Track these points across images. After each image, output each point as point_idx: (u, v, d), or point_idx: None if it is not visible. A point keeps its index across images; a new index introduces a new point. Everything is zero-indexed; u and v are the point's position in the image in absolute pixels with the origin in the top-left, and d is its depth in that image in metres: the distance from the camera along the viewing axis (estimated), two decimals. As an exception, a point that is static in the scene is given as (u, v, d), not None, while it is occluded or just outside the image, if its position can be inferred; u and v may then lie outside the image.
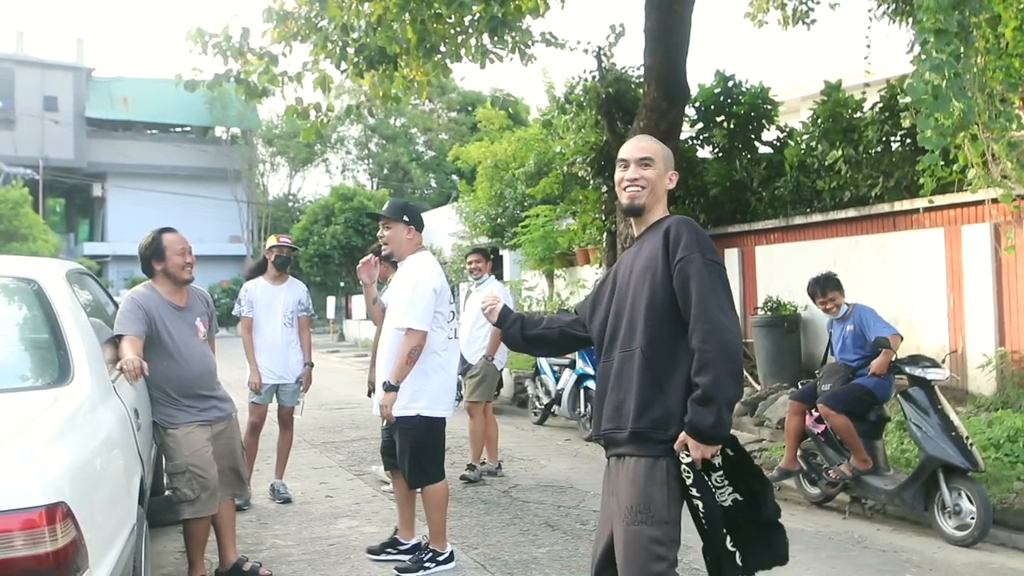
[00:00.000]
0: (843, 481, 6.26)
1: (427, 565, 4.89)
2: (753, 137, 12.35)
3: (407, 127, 40.77)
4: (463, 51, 9.70)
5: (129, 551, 3.10)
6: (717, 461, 2.77)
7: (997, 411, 7.17)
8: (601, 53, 12.68)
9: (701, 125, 12.62)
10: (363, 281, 5.27)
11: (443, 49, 9.56)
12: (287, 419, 6.87)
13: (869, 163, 9.51)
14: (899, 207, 8.98)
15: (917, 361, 6.04)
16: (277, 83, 9.11)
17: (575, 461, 8.24)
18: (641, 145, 3.05)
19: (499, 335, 7.14)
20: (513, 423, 10.64)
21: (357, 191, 34.22)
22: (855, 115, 10.12)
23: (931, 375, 5.89)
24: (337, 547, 5.38)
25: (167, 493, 5.07)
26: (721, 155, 12.37)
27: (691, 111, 12.25)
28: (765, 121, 12.29)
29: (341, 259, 32.17)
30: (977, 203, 8.05)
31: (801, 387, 6.81)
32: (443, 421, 4.97)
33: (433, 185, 40.56)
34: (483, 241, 20.78)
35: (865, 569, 5.04)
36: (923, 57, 5.57)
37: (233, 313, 6.85)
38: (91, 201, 41.72)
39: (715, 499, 2.78)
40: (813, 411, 6.39)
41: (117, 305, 5.14)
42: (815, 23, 11.90)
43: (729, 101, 12.32)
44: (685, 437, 2.71)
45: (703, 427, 2.67)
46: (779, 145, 11.88)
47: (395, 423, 4.85)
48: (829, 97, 10.44)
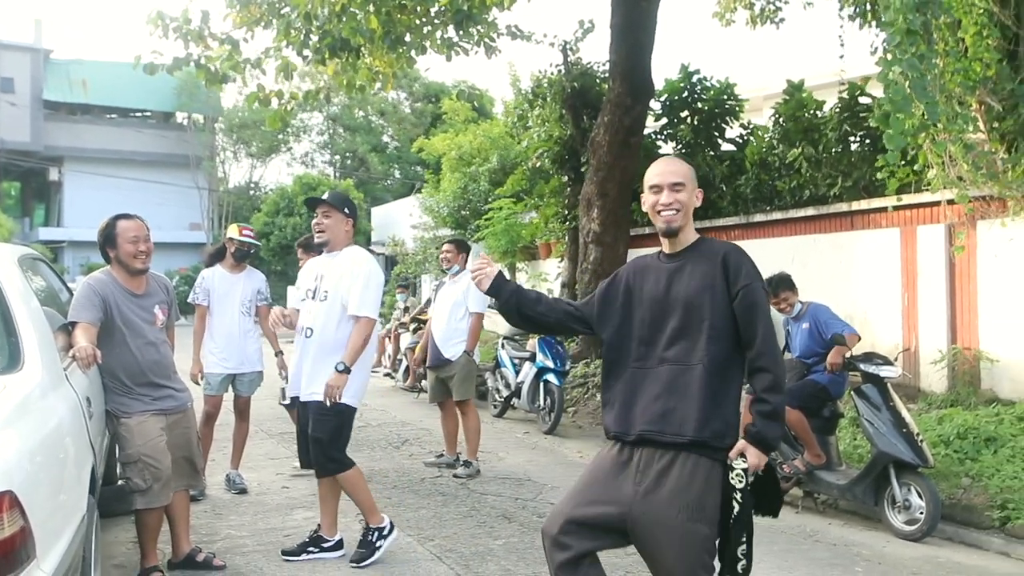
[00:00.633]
0: (796, 476, 6.34)
1: (377, 544, 4.89)
2: (717, 134, 12.44)
3: (368, 117, 40.50)
4: (428, 43, 9.67)
5: (79, 541, 3.06)
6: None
7: (947, 408, 7.31)
8: (567, 47, 12.72)
9: (665, 121, 12.69)
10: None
11: (408, 40, 9.52)
12: (243, 409, 6.80)
13: (829, 163, 9.64)
14: (857, 207, 9.10)
15: (870, 358, 6.14)
16: (239, 69, 9.02)
17: (533, 454, 8.27)
18: (672, 169, 3.12)
19: (478, 330, 7.15)
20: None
21: (321, 181, 34.00)
22: (816, 115, 10.25)
23: (884, 372, 5.99)
24: (292, 538, 5.34)
25: (120, 483, 5.01)
26: (685, 151, 12.45)
27: (656, 105, 12.31)
28: (730, 117, 12.38)
29: (303, 249, 31.94)
30: (932, 204, 8.19)
31: (757, 383, 6.88)
32: (355, 411, 4.97)
33: (397, 176, 40.38)
34: (446, 233, 20.74)
35: (816, 563, 5.11)
36: (889, 58, 5.65)
37: (188, 300, 6.76)
38: (47, 185, 40.97)
39: (751, 503, 2.92)
40: (769, 407, 6.46)
41: (72, 292, 5.06)
42: (783, 22, 12.01)
43: (694, 97, 12.40)
44: (744, 445, 2.91)
45: (771, 438, 2.93)
46: (742, 142, 11.99)
47: (316, 411, 4.79)
48: (791, 97, 10.55)
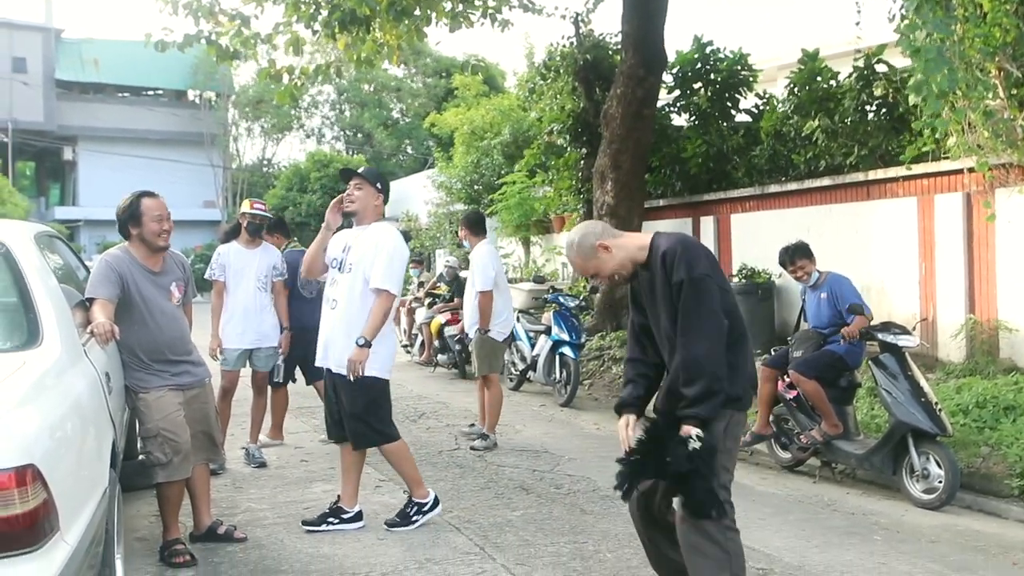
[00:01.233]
0: (814, 446, 6.34)
1: (414, 519, 4.99)
2: (730, 105, 12.32)
3: (378, 92, 40.34)
4: (434, 14, 9.60)
5: (101, 514, 3.08)
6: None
7: (966, 378, 7.27)
8: (579, 19, 12.60)
9: (678, 92, 12.57)
10: (327, 223, 5.16)
11: (416, 13, 9.46)
12: (261, 384, 6.85)
13: (845, 132, 9.54)
14: (873, 176, 9.02)
15: (888, 328, 6.11)
16: (249, 45, 8.98)
17: (550, 426, 8.29)
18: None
19: (485, 307, 7.18)
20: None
21: (333, 157, 33.94)
22: (831, 85, 10.13)
23: (902, 342, 5.96)
24: (312, 511, 5.38)
25: (140, 457, 5.06)
26: (698, 123, 12.35)
27: (668, 78, 12.20)
28: (744, 88, 12.26)
29: (317, 227, 31.90)
30: (951, 172, 8.10)
31: (774, 353, 6.87)
32: (387, 383, 5.03)
33: (409, 152, 40.29)
34: (459, 208, 20.70)
35: (834, 531, 5.11)
36: (910, 22, 5.59)
37: (205, 277, 6.78)
38: (62, 165, 41.12)
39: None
40: (785, 377, 6.46)
41: (88, 269, 5.08)
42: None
43: (707, 68, 12.27)
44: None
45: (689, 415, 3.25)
46: (757, 113, 11.88)
47: (345, 384, 4.85)
48: (806, 66, 10.44)
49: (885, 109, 9.44)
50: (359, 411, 4.87)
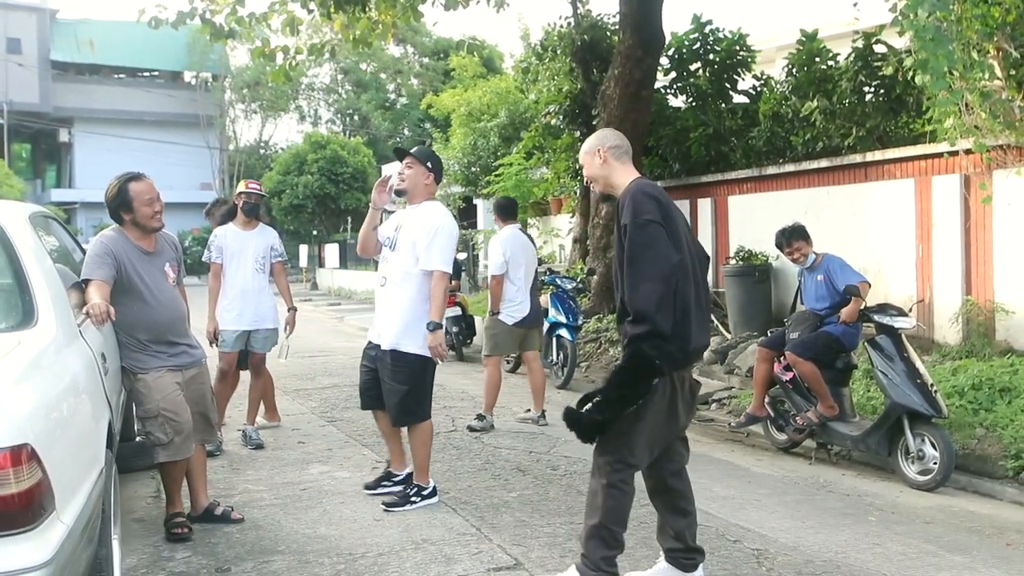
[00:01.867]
0: (810, 427, 6.36)
1: (413, 500, 5.05)
2: (728, 86, 12.28)
3: (377, 74, 40.17)
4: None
5: (98, 494, 3.08)
6: None
7: (962, 360, 7.29)
8: (576, -1, 12.54)
9: (675, 74, 12.52)
10: (373, 203, 5.21)
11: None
12: (258, 366, 6.84)
13: (843, 113, 9.51)
14: (871, 157, 9.00)
15: (885, 310, 6.11)
16: (244, 24, 8.92)
17: (547, 408, 8.29)
18: (580, 156, 3.82)
19: (495, 291, 7.30)
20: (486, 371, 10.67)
21: (331, 139, 33.81)
22: (830, 66, 10.09)
23: (898, 324, 5.96)
24: (309, 492, 5.40)
25: (138, 439, 5.07)
26: (696, 104, 12.30)
27: (665, 59, 12.14)
28: (742, 69, 12.21)
29: (314, 208, 31.89)
30: (948, 154, 8.09)
31: (770, 335, 6.88)
32: (434, 364, 5.10)
33: (406, 133, 40.16)
34: (457, 191, 20.66)
35: (829, 512, 5.13)
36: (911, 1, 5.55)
37: (203, 259, 6.77)
38: (58, 147, 40.96)
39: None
40: (781, 358, 6.47)
41: (84, 251, 5.07)
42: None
43: (705, 48, 12.22)
44: None
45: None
46: (755, 94, 11.84)
47: (389, 361, 4.96)
48: (804, 47, 10.39)
49: (883, 90, 9.41)
50: (400, 386, 4.96)
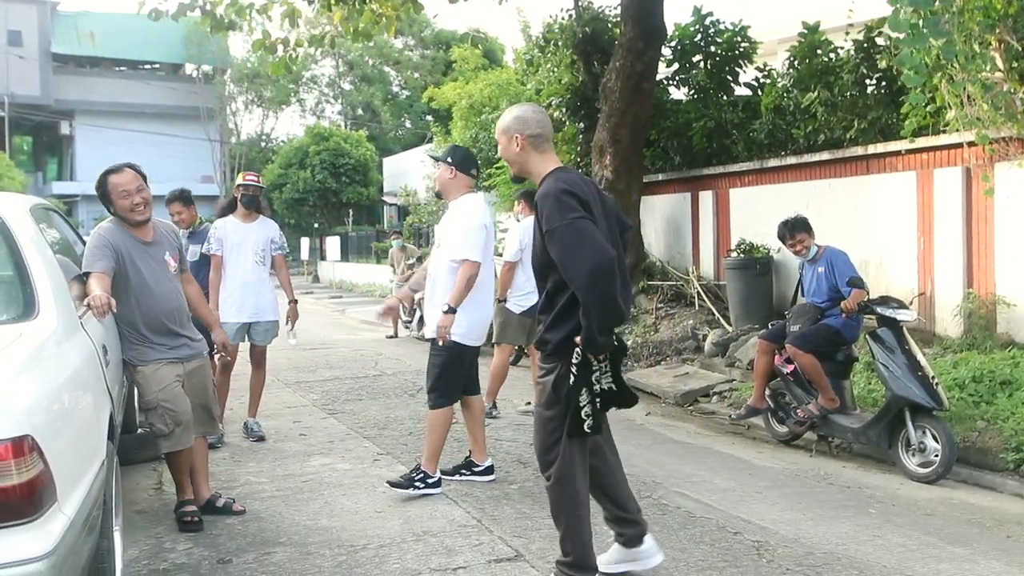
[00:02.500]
0: (810, 420, 6.36)
1: (416, 484, 5.13)
2: (730, 79, 12.24)
3: (380, 66, 40.10)
4: (433, -14, 9.53)
5: (99, 486, 3.09)
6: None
7: (963, 352, 7.28)
8: (578, -9, 12.51)
9: (677, 66, 12.48)
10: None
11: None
12: (259, 358, 6.85)
13: (844, 106, 9.49)
14: (873, 150, 8.98)
15: (886, 302, 6.11)
16: (244, 15, 8.89)
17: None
18: (497, 127, 3.76)
19: (503, 278, 7.26)
20: (486, 363, 10.67)
21: (333, 132, 33.77)
22: (831, 58, 10.06)
23: (900, 316, 5.96)
24: (310, 484, 5.42)
25: (140, 431, 5.08)
26: (697, 97, 12.27)
27: (667, 51, 12.10)
28: (744, 61, 12.17)
29: (316, 201, 31.89)
30: (950, 147, 8.07)
31: (771, 327, 6.87)
32: (473, 351, 5.28)
33: (407, 126, 40.11)
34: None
35: (829, 504, 5.14)
36: None
37: (203, 251, 6.77)
38: (59, 139, 40.95)
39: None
40: (782, 351, 6.47)
41: (85, 243, 5.07)
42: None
43: (707, 40, 12.18)
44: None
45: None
46: (757, 86, 11.81)
47: (430, 348, 5.19)
48: (806, 40, 10.36)
49: (885, 82, 9.38)
50: (431, 369, 5.18)
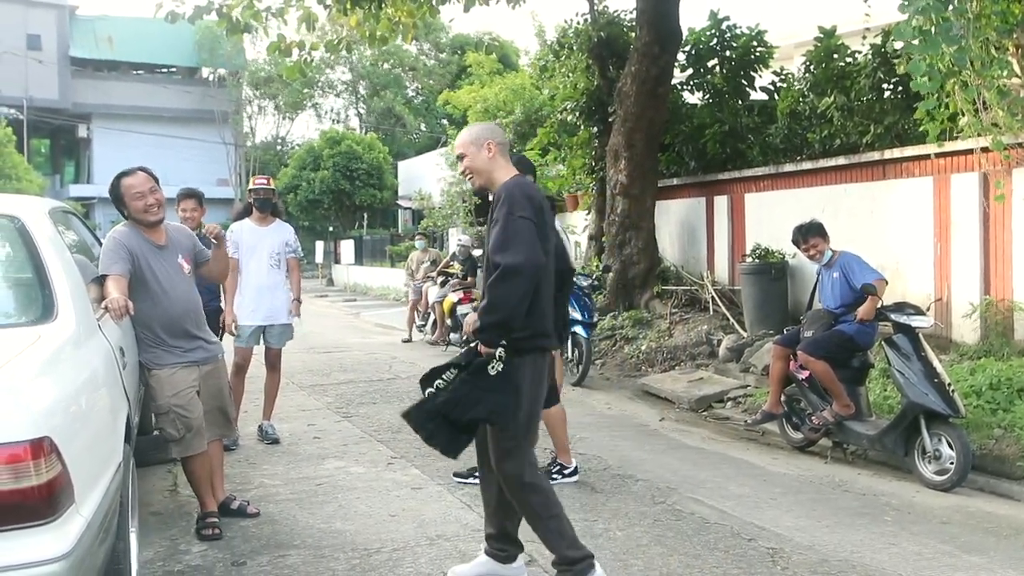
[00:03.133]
0: (825, 426, 6.33)
1: (554, 476, 5.43)
2: (745, 83, 12.22)
3: (395, 70, 40.18)
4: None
5: (116, 487, 3.12)
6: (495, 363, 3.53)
7: (980, 359, 7.23)
8: (594, -4, 12.51)
9: (692, 71, 12.47)
10: None
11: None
12: (274, 361, 6.86)
13: (861, 111, 9.45)
14: (889, 155, 8.94)
15: (902, 308, 6.08)
16: (260, 19, 8.93)
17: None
18: (456, 143, 3.76)
19: None
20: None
21: (346, 135, 33.91)
22: (848, 63, 10.03)
23: (916, 322, 5.93)
24: (324, 487, 5.43)
25: (154, 433, 5.10)
26: (712, 101, 12.25)
27: (682, 56, 12.09)
28: (759, 65, 12.14)
29: (330, 204, 32.01)
30: (967, 152, 8.02)
31: (786, 333, 6.85)
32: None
33: (423, 129, 40.18)
34: (471, 187, 20.61)
35: (844, 512, 5.11)
36: (906, 2, 5.56)
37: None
38: (76, 142, 41.18)
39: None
40: (797, 356, 6.44)
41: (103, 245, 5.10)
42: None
43: (722, 45, 12.16)
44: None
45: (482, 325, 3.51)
46: (773, 90, 11.78)
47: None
48: (822, 44, 10.34)
49: (901, 87, 9.34)
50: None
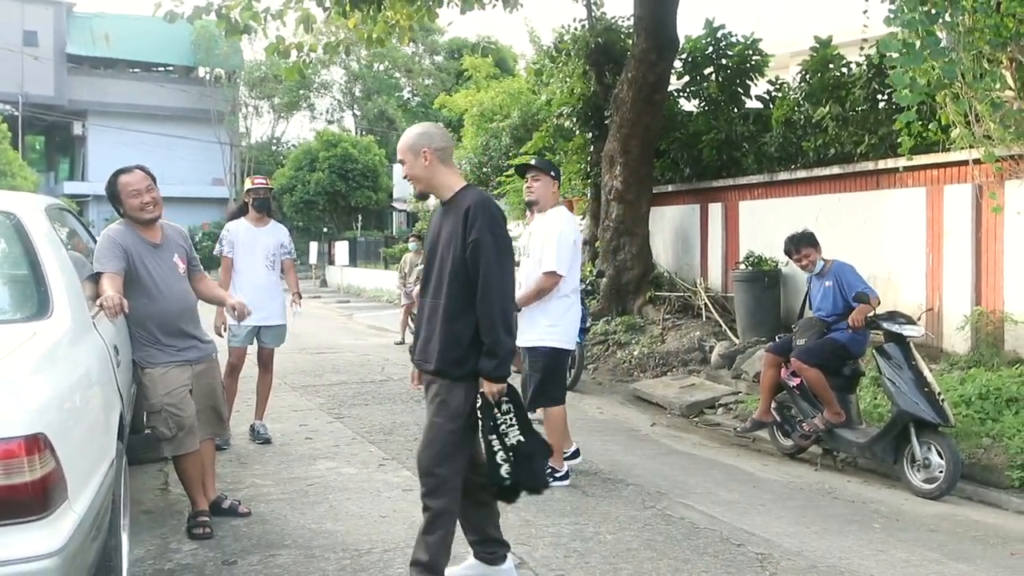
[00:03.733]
0: (816, 434, 6.36)
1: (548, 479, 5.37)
2: (741, 91, 12.26)
3: (390, 72, 40.21)
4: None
5: (108, 485, 3.12)
6: (504, 405, 3.53)
7: (970, 369, 7.27)
8: (591, 2, 12.56)
9: (688, 78, 12.51)
10: None
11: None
12: (267, 361, 6.87)
13: (855, 120, 9.50)
14: (883, 165, 8.99)
15: (893, 317, 6.11)
16: (259, 20, 8.95)
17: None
18: (398, 147, 3.64)
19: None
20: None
21: (342, 137, 33.96)
22: (843, 72, 10.08)
23: (907, 331, 5.96)
24: (316, 487, 5.44)
25: (147, 431, 5.10)
26: (708, 109, 12.29)
27: (679, 63, 12.13)
28: (755, 74, 12.19)
29: (325, 205, 32.04)
30: (960, 163, 8.07)
31: (777, 340, 6.88)
32: (568, 353, 5.62)
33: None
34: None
35: (834, 519, 5.14)
36: (892, 16, 5.63)
37: (214, 253, 6.82)
38: (71, 139, 41.10)
39: (497, 430, 3.53)
40: (788, 364, 6.47)
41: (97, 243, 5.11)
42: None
43: (718, 53, 12.21)
44: (481, 380, 3.48)
45: (488, 370, 3.45)
46: (769, 99, 11.83)
47: (529, 355, 5.47)
48: (817, 53, 10.39)
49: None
50: (535, 373, 5.44)
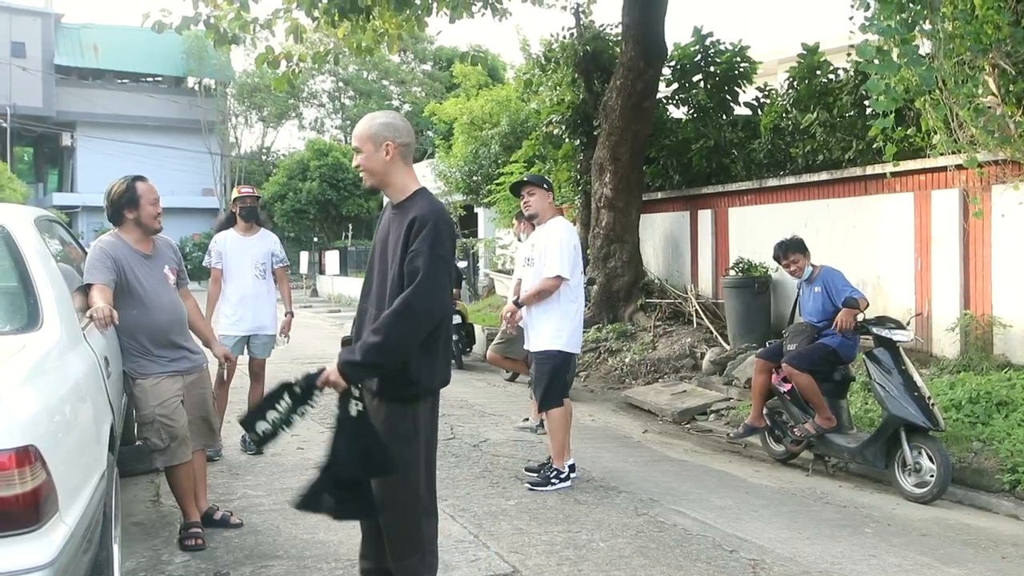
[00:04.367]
0: (807, 439, 6.38)
1: (552, 481, 5.66)
2: (729, 99, 12.32)
3: (380, 80, 40.23)
4: (435, 3, 9.61)
5: (99, 497, 3.11)
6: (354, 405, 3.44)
7: (960, 373, 7.31)
8: (579, 10, 12.60)
9: (676, 85, 12.57)
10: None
11: (417, 1, 9.47)
12: (258, 371, 6.85)
13: (843, 127, 9.56)
14: (871, 171, 9.04)
15: (883, 322, 6.15)
16: (248, 30, 8.96)
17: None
18: (355, 133, 3.37)
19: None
20: (484, 379, 10.72)
21: (332, 146, 33.97)
22: (831, 79, 10.14)
23: (896, 336, 5.99)
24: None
25: (138, 443, 5.08)
26: (697, 115, 12.34)
27: (667, 71, 12.18)
28: (743, 81, 12.25)
29: (316, 214, 32.03)
30: (947, 169, 8.12)
31: (768, 346, 6.90)
32: (575, 356, 5.93)
33: (408, 141, 40.10)
34: (459, 199, 20.65)
35: (825, 524, 5.15)
36: (867, 23, 5.69)
37: (203, 264, 6.80)
38: (60, 151, 41.01)
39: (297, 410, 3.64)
40: (779, 370, 6.49)
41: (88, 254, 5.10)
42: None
43: (706, 60, 12.27)
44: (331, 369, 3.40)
45: (343, 357, 3.34)
46: (757, 106, 11.88)
47: (537, 359, 5.74)
48: (805, 60, 10.44)
49: (884, 104, 9.44)
50: (541, 377, 5.71)
